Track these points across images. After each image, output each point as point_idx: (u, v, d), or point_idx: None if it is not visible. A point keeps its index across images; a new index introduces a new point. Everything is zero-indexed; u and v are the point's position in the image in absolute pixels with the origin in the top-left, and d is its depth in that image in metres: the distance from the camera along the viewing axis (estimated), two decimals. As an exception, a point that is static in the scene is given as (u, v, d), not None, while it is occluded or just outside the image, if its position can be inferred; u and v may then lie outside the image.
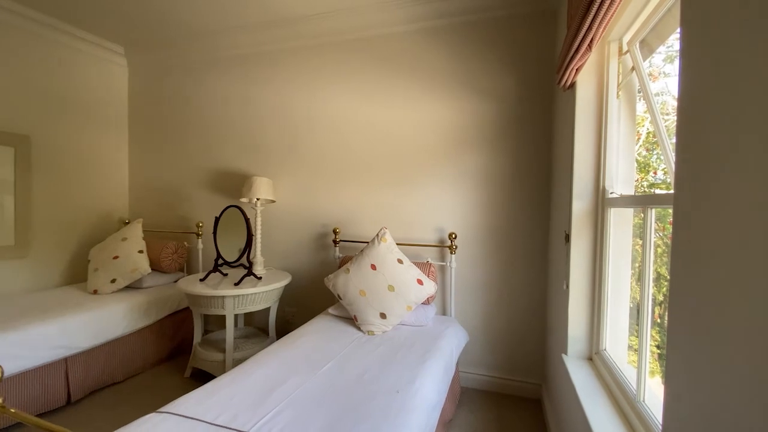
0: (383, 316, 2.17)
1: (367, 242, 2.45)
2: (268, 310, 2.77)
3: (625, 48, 1.54)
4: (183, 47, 3.31)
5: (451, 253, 2.52)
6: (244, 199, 2.81)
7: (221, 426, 1.25)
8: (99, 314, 2.44)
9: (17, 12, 2.75)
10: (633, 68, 1.45)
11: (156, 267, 3.03)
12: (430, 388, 1.61)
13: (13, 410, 0.93)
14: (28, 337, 2.08)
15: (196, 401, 1.39)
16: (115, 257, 2.84)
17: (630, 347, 1.57)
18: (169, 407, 1.36)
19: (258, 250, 2.81)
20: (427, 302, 2.40)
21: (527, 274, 2.47)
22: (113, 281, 2.78)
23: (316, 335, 2.09)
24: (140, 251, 2.91)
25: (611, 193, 1.60)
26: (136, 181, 3.65)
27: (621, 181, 1.61)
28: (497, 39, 2.49)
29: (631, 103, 1.58)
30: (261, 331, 2.98)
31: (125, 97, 3.63)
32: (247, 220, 2.62)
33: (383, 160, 2.78)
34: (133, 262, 2.84)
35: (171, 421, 1.27)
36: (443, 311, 2.64)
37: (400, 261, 2.30)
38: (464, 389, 2.54)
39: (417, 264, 2.41)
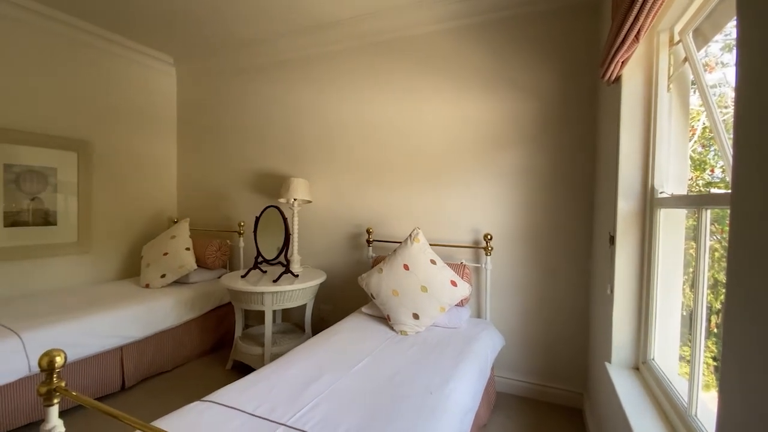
0: (416, 316, 2.17)
1: (400, 242, 2.45)
2: (304, 307, 2.84)
3: (676, 38, 1.44)
4: (225, 55, 3.47)
5: (487, 254, 2.46)
6: (282, 200, 2.90)
7: (260, 417, 1.30)
8: (150, 307, 2.62)
9: (81, 28, 3.01)
10: (686, 59, 1.36)
11: (201, 263, 3.20)
12: (464, 390, 1.59)
13: (74, 393, 1.01)
14: (88, 327, 2.27)
15: (237, 392, 1.46)
16: (165, 254, 3.04)
17: (682, 358, 1.47)
18: (212, 396, 1.43)
19: (295, 248, 2.89)
20: (461, 304, 2.36)
21: (568, 277, 2.37)
22: (163, 276, 2.97)
23: (350, 333, 2.12)
24: (187, 248, 3.09)
25: (661, 192, 1.51)
26: (184, 182, 3.87)
27: (672, 179, 1.51)
28: (536, 34, 2.42)
29: (684, 97, 1.48)
30: (297, 327, 3.07)
31: (174, 103, 3.87)
32: (285, 219, 2.71)
33: (417, 160, 2.78)
34: (180, 258, 3.02)
35: (214, 410, 1.34)
36: (478, 314, 2.59)
37: (433, 262, 2.28)
38: (500, 394, 2.48)
39: (451, 265, 2.38)
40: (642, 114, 1.56)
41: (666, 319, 1.49)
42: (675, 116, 1.50)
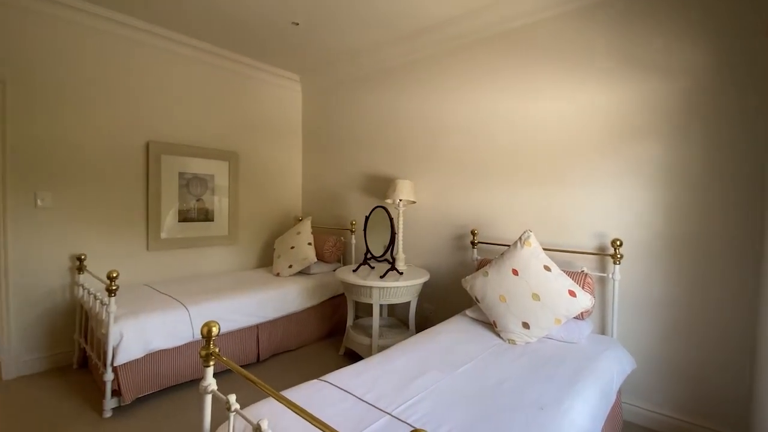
0: (526, 325, 2.03)
1: (508, 245, 2.32)
2: (408, 304, 2.92)
3: None
4: (339, 68, 3.78)
5: (615, 263, 2.17)
6: (388, 201, 3.03)
7: (368, 403, 1.39)
8: (281, 292, 3.02)
9: (230, 58, 3.64)
10: None
11: (320, 257, 3.56)
12: (582, 411, 1.44)
13: (224, 359, 1.23)
14: (236, 305, 2.73)
15: (348, 376, 1.59)
16: (292, 247, 3.46)
17: None
18: (327, 377, 1.58)
19: (400, 247, 2.99)
20: (580, 317, 2.13)
21: (726, 294, 1.94)
22: (290, 267, 3.39)
23: (454, 335, 2.10)
24: (309, 243, 3.47)
25: None
26: (307, 185, 4.35)
27: None
28: (675, 1, 2.03)
29: None
30: (402, 323, 3.17)
31: (300, 115, 4.38)
32: (391, 219, 2.84)
33: (527, 157, 2.60)
34: (303, 252, 3.41)
35: (329, 389, 1.48)
36: (602, 330, 2.30)
37: (547, 268, 2.11)
38: (628, 424, 2.16)
39: (568, 273, 2.17)
40: None
41: None
42: None
